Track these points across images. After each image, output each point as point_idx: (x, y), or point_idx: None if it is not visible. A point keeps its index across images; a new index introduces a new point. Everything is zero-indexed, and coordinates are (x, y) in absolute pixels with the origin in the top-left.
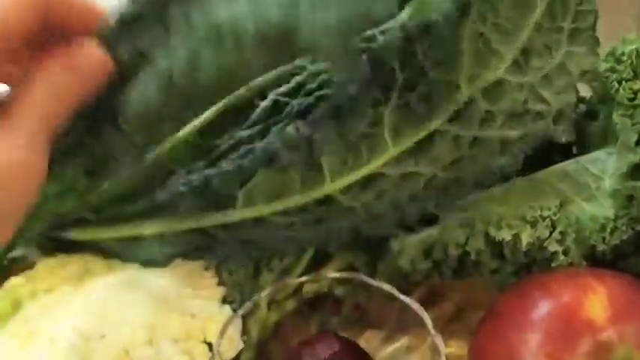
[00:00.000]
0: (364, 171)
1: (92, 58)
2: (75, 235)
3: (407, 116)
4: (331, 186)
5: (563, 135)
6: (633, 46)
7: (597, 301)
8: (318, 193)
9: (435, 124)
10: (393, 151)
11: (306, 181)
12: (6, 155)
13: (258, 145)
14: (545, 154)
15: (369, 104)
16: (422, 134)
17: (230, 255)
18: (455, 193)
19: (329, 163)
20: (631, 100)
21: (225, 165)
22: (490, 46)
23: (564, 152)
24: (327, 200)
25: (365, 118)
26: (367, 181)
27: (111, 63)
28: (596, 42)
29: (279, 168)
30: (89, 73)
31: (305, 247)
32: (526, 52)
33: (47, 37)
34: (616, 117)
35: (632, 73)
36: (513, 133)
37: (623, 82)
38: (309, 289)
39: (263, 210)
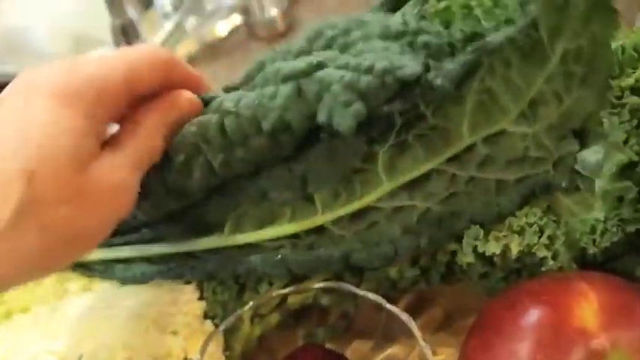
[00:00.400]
0: (357, 205)
1: (190, 102)
2: None
3: (403, 154)
4: (322, 217)
5: (562, 181)
6: (619, 42)
7: (588, 307)
8: (308, 223)
9: (431, 164)
10: (387, 186)
11: (296, 212)
12: (111, 173)
13: (249, 181)
14: None
15: (364, 142)
16: (417, 172)
17: (213, 274)
18: (449, 228)
19: (321, 197)
20: (618, 98)
21: (216, 197)
22: (497, 100)
23: None
24: (317, 229)
25: (359, 154)
26: (359, 213)
27: (202, 105)
28: (608, 86)
29: (269, 201)
30: (186, 114)
31: (294, 272)
32: (534, 103)
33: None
34: (603, 115)
35: (618, 70)
36: (511, 177)
37: (610, 80)
38: (294, 300)
39: (252, 237)
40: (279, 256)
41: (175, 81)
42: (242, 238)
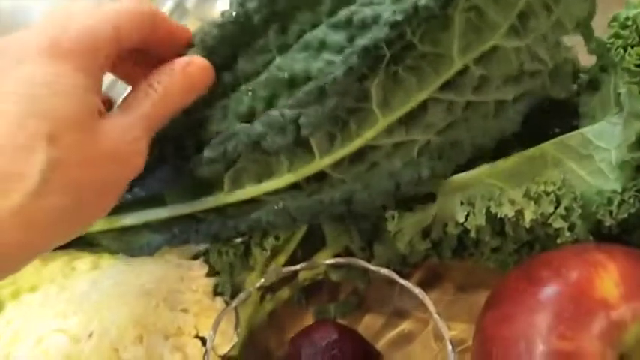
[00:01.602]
0: (355, 145)
1: (202, 67)
2: None
3: (395, 87)
4: (321, 163)
5: (561, 91)
6: (638, 10)
7: (608, 278)
8: (307, 170)
9: (425, 93)
10: (382, 122)
11: (294, 161)
12: (123, 133)
13: (241, 129)
14: (546, 126)
15: (355, 79)
16: (412, 104)
17: (219, 234)
18: (450, 157)
19: (317, 141)
20: (638, 66)
21: (208, 152)
22: (485, 17)
23: (566, 124)
24: (317, 175)
25: (351, 93)
26: (358, 154)
27: (214, 75)
28: None
29: (265, 151)
30: (198, 81)
31: (297, 220)
32: (524, 15)
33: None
34: (622, 85)
35: (637, 39)
36: (509, 95)
37: (629, 49)
38: (305, 276)
39: (251, 192)
40: (281, 204)
41: (163, 37)
42: (242, 194)
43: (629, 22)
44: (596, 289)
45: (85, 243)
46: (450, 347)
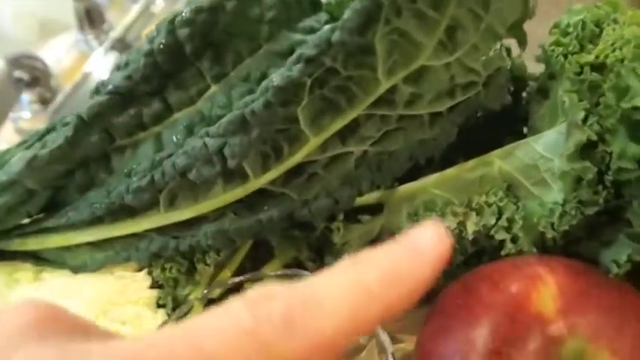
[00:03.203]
0: (289, 163)
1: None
2: (15, 245)
3: (324, 108)
4: (257, 182)
5: (495, 102)
6: (579, 17)
7: (546, 292)
8: (243, 190)
9: (356, 112)
10: (314, 141)
11: (228, 183)
12: None
13: (167, 160)
14: (495, 136)
15: (276, 109)
16: (344, 122)
17: (160, 252)
18: (389, 168)
19: (249, 165)
20: (578, 74)
21: (135, 181)
22: (410, 38)
23: (515, 133)
24: (257, 192)
25: (275, 121)
26: (295, 169)
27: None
28: None
29: (196, 179)
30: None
31: (237, 239)
32: (451, 29)
33: None
34: (563, 93)
35: (578, 46)
36: (442, 107)
37: (569, 56)
38: (251, 286)
39: (188, 213)
40: (219, 226)
41: None
42: (179, 215)
43: (570, 29)
44: (532, 304)
45: (28, 256)
46: None
